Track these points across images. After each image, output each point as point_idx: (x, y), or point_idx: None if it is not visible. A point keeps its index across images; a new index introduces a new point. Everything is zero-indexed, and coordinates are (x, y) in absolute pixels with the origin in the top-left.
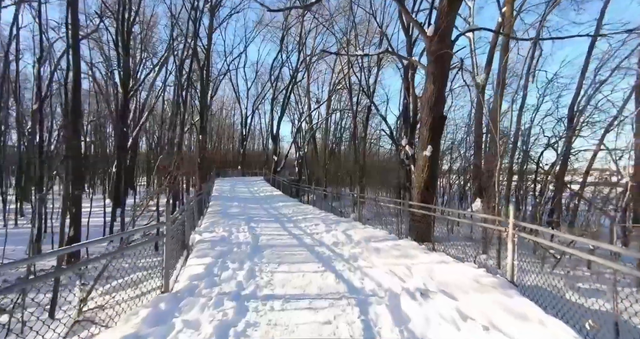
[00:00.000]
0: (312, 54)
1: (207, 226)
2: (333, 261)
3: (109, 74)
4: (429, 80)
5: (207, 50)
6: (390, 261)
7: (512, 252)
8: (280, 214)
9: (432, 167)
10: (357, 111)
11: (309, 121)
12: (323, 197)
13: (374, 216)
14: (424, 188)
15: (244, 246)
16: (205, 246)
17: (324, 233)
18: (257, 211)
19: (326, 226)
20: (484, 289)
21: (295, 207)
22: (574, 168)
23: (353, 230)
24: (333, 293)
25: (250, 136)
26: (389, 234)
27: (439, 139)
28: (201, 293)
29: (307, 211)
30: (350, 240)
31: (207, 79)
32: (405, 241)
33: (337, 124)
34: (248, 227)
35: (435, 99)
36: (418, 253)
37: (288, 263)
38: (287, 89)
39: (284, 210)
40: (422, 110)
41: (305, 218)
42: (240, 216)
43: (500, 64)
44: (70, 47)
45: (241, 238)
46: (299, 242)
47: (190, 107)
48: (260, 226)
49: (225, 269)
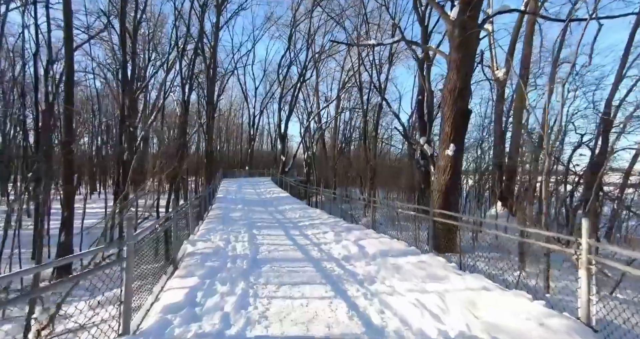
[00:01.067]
0: (321, 51)
1: (203, 234)
2: (344, 283)
3: (117, 73)
4: (452, 70)
5: (213, 48)
6: (415, 285)
7: (588, 284)
8: (286, 219)
9: (456, 167)
10: (368, 109)
11: (318, 120)
12: (332, 200)
13: (387, 219)
14: (446, 191)
15: (240, 261)
16: (194, 260)
17: (333, 243)
18: (261, 215)
19: (335, 235)
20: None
21: (302, 211)
22: (611, 168)
23: (366, 240)
24: (346, 335)
25: (259, 136)
26: (408, 246)
27: (463, 136)
28: (173, 335)
29: (315, 216)
30: (363, 253)
31: (214, 78)
32: (430, 257)
33: (347, 124)
34: (249, 235)
35: (459, 90)
36: (449, 274)
37: (289, 284)
38: (295, 88)
39: (290, 214)
40: (444, 104)
41: (313, 224)
42: (242, 221)
43: (523, 55)
44: (64, 46)
45: (239, 249)
46: (304, 255)
47: (198, 107)
48: (262, 234)
49: (212, 295)
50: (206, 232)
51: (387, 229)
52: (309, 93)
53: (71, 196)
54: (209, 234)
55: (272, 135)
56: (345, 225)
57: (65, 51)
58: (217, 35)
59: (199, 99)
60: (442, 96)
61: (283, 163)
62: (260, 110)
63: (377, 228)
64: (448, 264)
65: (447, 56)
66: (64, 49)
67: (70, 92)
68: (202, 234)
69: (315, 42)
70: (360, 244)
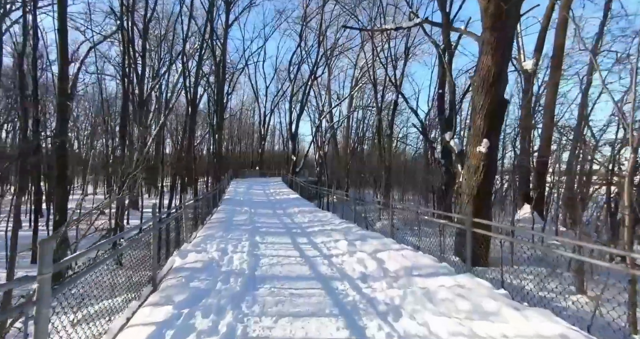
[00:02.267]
0: (333, 47)
1: (198, 242)
2: (361, 316)
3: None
4: (485, 53)
5: (222, 45)
6: (459, 325)
7: None
8: (294, 224)
9: (490, 167)
10: (382, 106)
11: (330, 119)
12: (344, 202)
13: (404, 223)
14: (478, 195)
15: (234, 279)
16: (178, 279)
17: (347, 255)
18: (267, 219)
19: (349, 244)
20: None
21: (312, 214)
22: None
23: (386, 252)
24: None
25: (270, 136)
26: (436, 261)
27: (498, 130)
28: None
29: (326, 220)
30: (383, 271)
31: (223, 75)
32: (468, 279)
33: (359, 123)
34: (250, 243)
35: (494, 76)
36: (501, 308)
37: (290, 317)
38: (306, 85)
39: (298, 218)
40: (475, 93)
41: (323, 230)
42: (245, 226)
43: (556, 45)
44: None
45: (235, 263)
46: (311, 271)
47: (208, 106)
48: (266, 242)
49: (185, 335)
50: (203, 239)
51: (405, 235)
52: (320, 91)
53: (64, 195)
54: (205, 242)
55: (283, 135)
56: (359, 232)
57: (58, 39)
58: (226, 32)
59: (209, 99)
60: (472, 84)
61: (294, 163)
62: (271, 109)
63: (396, 235)
64: (496, 292)
65: (478, 38)
66: (58, 38)
67: (65, 77)
68: (197, 243)
69: (327, 38)
70: (378, 257)
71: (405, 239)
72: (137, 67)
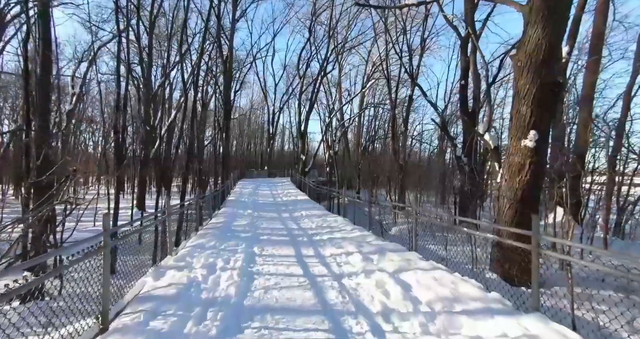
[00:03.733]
0: (344, 42)
1: (183, 255)
2: None
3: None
4: (533, 24)
5: (229, 40)
6: None
7: None
8: (300, 231)
9: (539, 165)
10: (397, 102)
11: (340, 117)
12: (356, 204)
13: (422, 229)
14: (523, 199)
15: (214, 313)
16: (136, 316)
17: (362, 276)
18: (271, 224)
19: (364, 259)
20: None
21: (321, 218)
22: None
23: (412, 273)
24: None
25: (279, 136)
26: (485, 290)
27: (549, 119)
28: None
29: (336, 226)
30: (412, 301)
31: (230, 72)
32: (539, 323)
33: (371, 121)
34: (246, 255)
35: (546, 52)
36: None
37: None
38: (316, 81)
39: (306, 223)
40: (519, 75)
41: (333, 239)
42: (245, 233)
43: (594, 32)
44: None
45: (222, 285)
46: (317, 301)
47: (215, 105)
48: (265, 254)
49: None
50: (190, 251)
51: (425, 242)
52: (330, 88)
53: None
54: (192, 254)
55: (292, 134)
56: (376, 242)
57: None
58: (234, 26)
59: (216, 98)
60: (514, 65)
61: (303, 163)
62: (280, 107)
63: (420, 247)
64: None
65: (522, 7)
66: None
67: (47, 62)
68: (182, 256)
69: (337, 32)
70: (403, 280)
71: (428, 250)
72: (143, 65)
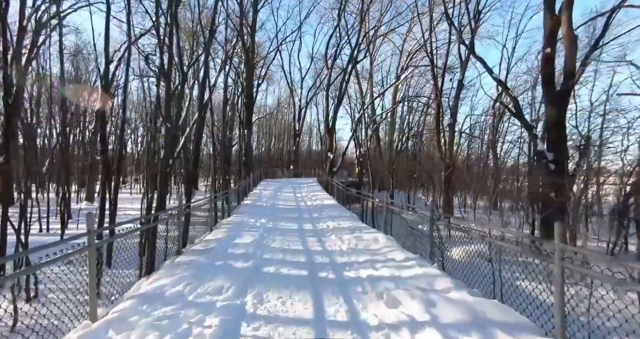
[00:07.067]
0: (377, 26)
1: (111, 321)
2: None
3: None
4: None
5: (251, 29)
6: None
7: None
8: (324, 256)
9: None
10: (442, 89)
11: (371, 112)
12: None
13: (495, 252)
14: None
15: None
16: None
17: None
18: (287, 243)
19: None
20: None
21: (354, 235)
22: None
23: None
24: None
25: (307, 135)
26: None
27: None
28: None
29: (378, 251)
30: None
31: (252, 63)
32: None
33: (406, 116)
34: (224, 321)
35: None
36: None
37: None
38: (345, 71)
39: (332, 241)
40: None
41: (376, 278)
42: (244, 260)
43: None
44: None
45: None
46: None
47: (238, 101)
48: (259, 315)
49: None
50: (132, 306)
51: (502, 269)
52: (360, 81)
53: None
54: (125, 319)
55: (320, 132)
56: (459, 296)
57: None
58: (255, 15)
59: (239, 94)
60: None
61: (331, 162)
62: (307, 101)
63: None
64: None
65: None
66: None
67: None
68: (109, 321)
69: (369, 15)
70: None
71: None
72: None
